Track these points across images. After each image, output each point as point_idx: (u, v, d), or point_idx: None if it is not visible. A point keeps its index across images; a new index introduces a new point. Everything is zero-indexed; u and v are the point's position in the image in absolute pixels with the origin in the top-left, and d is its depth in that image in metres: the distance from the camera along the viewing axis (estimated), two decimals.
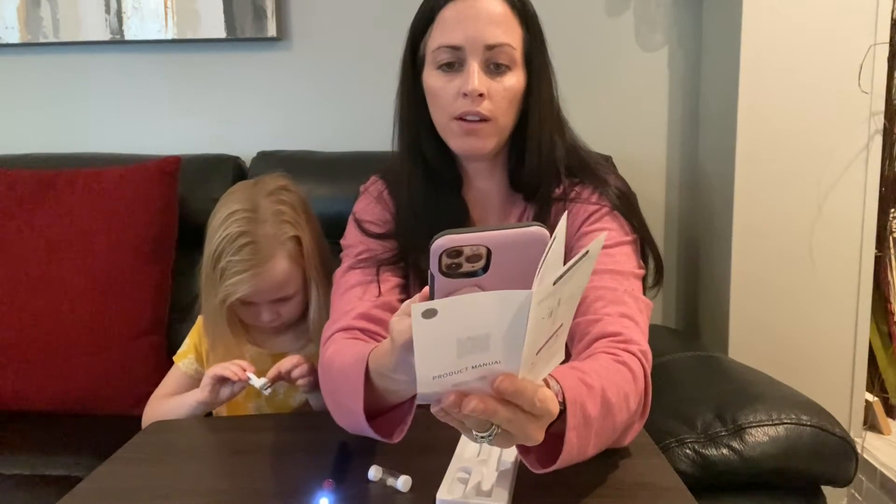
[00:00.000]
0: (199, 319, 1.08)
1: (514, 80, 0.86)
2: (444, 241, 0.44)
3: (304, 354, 0.99)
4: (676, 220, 1.72)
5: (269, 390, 0.93)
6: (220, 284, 0.97)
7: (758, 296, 1.48)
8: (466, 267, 0.45)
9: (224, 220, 0.98)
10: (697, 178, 1.67)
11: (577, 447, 0.62)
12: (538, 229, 0.45)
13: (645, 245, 0.91)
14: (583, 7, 1.65)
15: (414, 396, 0.70)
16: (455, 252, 0.45)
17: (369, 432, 0.69)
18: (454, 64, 0.85)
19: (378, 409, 0.71)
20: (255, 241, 0.96)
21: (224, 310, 0.99)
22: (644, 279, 0.89)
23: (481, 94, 0.83)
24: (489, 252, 0.45)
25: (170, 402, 1.05)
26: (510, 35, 0.86)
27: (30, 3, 1.68)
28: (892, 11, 1.42)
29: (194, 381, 1.05)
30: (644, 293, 0.87)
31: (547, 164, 0.90)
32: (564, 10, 1.64)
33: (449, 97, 0.85)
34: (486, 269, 0.46)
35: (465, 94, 0.84)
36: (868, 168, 1.44)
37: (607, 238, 0.86)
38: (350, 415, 0.71)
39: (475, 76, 0.83)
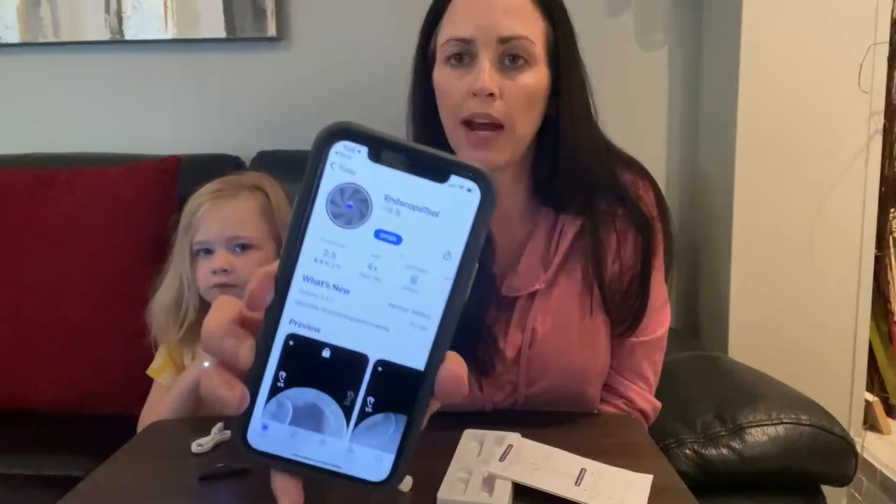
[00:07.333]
0: None
1: (533, 78, 0.77)
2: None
3: None
4: (676, 220, 1.69)
5: None
6: (187, 218, 1.04)
7: (758, 296, 1.48)
8: None
9: (207, 184, 1.09)
10: (697, 179, 1.67)
11: None
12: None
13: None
14: (583, 7, 1.64)
15: None
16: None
17: None
18: (464, 57, 0.77)
19: None
20: (225, 183, 1.07)
21: (188, 244, 1.04)
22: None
23: (492, 94, 0.75)
24: None
25: (166, 399, 1.02)
26: (528, 27, 0.77)
27: (30, 3, 1.67)
28: (892, 11, 1.42)
29: None
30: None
31: (585, 176, 0.83)
32: None
33: (457, 97, 0.77)
34: None
35: (475, 94, 0.75)
36: (868, 168, 1.44)
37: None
38: None
39: (485, 73, 0.74)
